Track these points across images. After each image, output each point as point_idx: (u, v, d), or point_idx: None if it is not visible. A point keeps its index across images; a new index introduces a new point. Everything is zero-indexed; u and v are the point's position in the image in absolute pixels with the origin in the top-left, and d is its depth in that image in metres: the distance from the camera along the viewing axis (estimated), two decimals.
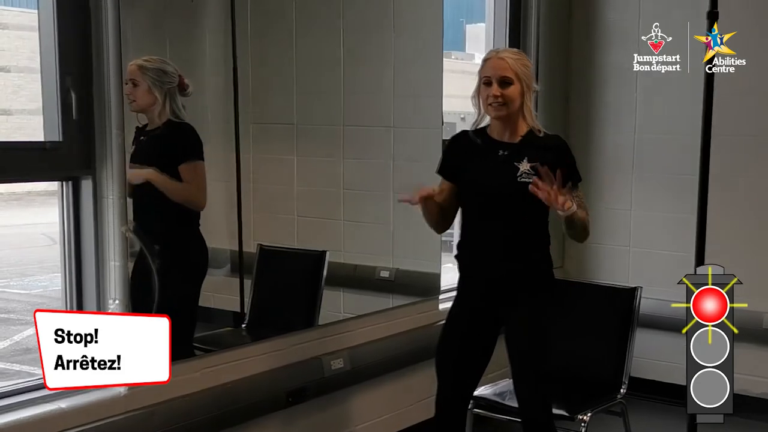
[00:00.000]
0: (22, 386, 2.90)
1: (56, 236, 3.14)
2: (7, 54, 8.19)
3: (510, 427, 4.01)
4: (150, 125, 3.37)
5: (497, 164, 3.17)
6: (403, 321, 4.23)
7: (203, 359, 3.35)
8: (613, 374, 3.71)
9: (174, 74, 3.35)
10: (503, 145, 3.19)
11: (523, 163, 3.13)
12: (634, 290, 3.76)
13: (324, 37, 4.39)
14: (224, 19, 4.02)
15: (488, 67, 3.16)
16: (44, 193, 10.56)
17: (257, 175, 4.15)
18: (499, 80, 3.12)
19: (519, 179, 3.11)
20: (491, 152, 3.19)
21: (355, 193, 4.51)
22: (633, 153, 5.09)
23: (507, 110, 3.13)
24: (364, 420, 4.07)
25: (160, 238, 3.28)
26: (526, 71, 3.15)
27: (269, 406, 3.51)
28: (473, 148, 3.24)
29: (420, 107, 4.52)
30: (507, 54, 3.18)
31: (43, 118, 2.94)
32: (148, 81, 3.28)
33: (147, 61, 3.31)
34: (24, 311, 7.52)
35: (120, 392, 2.97)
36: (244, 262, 4.12)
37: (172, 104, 3.36)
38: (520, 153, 3.15)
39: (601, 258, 5.04)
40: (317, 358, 3.73)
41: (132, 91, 3.24)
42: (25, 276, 8.57)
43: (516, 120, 3.17)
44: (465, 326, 3.28)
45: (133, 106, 3.29)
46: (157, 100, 3.32)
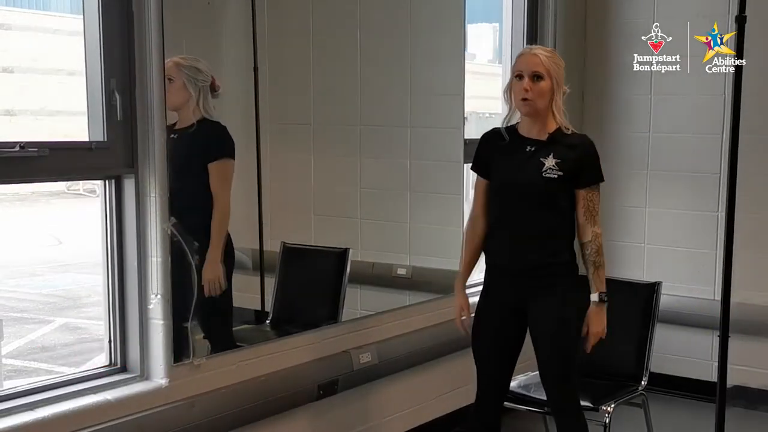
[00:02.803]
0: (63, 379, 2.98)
1: (61, 236, 3.20)
2: (46, 57, 8.26)
3: (536, 419, 4.11)
4: (180, 123, 3.42)
5: (524, 159, 3.26)
6: (427, 316, 4.29)
7: (239, 352, 3.43)
8: (635, 367, 3.79)
9: (207, 73, 3.42)
10: (531, 141, 3.28)
11: (549, 158, 3.22)
12: (654, 285, 3.84)
13: (341, 36, 4.45)
14: (243, 20, 4.08)
15: (521, 63, 3.26)
16: (48, 194, 10.57)
17: (275, 174, 4.22)
18: (531, 75, 3.21)
19: (544, 174, 3.21)
20: (519, 148, 3.29)
21: (373, 192, 4.57)
22: (648, 151, 5.15)
23: (536, 106, 3.22)
24: (391, 412, 4.14)
25: (198, 236, 3.34)
26: (557, 69, 3.24)
27: (302, 398, 3.58)
28: (503, 144, 3.34)
29: (439, 106, 4.56)
30: (540, 51, 3.29)
31: (88, 118, 2.99)
32: (183, 78, 3.35)
33: (183, 58, 3.37)
34: (37, 310, 7.55)
35: (162, 384, 3.07)
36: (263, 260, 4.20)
37: (205, 103, 3.42)
38: (547, 149, 3.24)
39: (616, 255, 5.09)
40: (346, 352, 3.81)
41: (167, 87, 3.31)
42: (35, 276, 8.60)
43: (545, 117, 3.26)
44: (496, 320, 3.37)
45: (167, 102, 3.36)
46: (191, 98, 3.38)
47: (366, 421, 4.01)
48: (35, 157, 2.75)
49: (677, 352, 4.98)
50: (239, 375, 3.35)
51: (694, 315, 4.90)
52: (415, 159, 4.59)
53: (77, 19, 3.03)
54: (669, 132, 5.09)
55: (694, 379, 5.00)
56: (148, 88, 3.01)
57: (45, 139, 2.84)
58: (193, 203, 3.45)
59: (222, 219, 3.46)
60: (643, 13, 5.07)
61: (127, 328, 3.11)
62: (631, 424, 3.89)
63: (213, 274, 3.40)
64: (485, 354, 3.42)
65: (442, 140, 4.53)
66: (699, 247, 5.00)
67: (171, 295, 3.08)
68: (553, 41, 4.97)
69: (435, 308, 4.32)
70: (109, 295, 3.10)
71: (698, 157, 4.98)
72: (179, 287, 3.18)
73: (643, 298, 3.84)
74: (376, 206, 4.60)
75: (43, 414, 2.75)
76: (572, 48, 5.21)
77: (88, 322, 7.26)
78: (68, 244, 9.58)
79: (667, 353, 4.74)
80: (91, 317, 7.27)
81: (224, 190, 3.48)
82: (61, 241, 9.70)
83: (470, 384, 3.53)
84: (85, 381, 2.99)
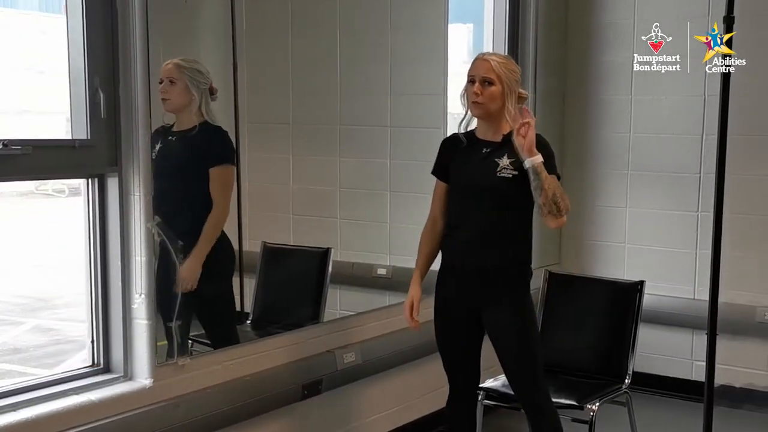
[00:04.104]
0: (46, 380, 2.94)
1: (31, 237, 3.16)
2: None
3: (518, 417, 4.11)
4: (179, 125, 3.40)
5: (480, 161, 3.32)
6: None
7: (224, 353, 3.41)
8: (618, 366, 3.81)
9: (207, 76, 3.40)
10: (486, 143, 3.34)
11: (503, 159, 3.27)
12: (638, 284, 3.86)
13: (320, 35, 4.44)
14: (222, 19, 4.06)
15: (474, 68, 3.32)
16: (15, 194, 10.43)
17: (253, 173, 4.20)
18: (481, 80, 3.26)
19: (499, 174, 3.26)
20: (476, 150, 3.35)
21: (352, 192, 4.57)
22: (629, 152, 5.18)
23: (485, 109, 3.27)
24: (375, 412, 4.14)
25: (186, 236, 3.32)
26: (509, 75, 3.28)
27: (286, 398, 3.57)
28: (461, 147, 3.40)
29: (420, 106, 4.56)
30: (493, 57, 3.34)
31: (71, 117, 2.96)
32: (186, 80, 3.32)
33: (183, 60, 3.35)
34: (7, 312, 7.45)
35: (146, 384, 3.04)
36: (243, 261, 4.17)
37: (206, 106, 3.39)
38: (501, 150, 3.29)
39: (597, 254, 5.14)
40: (330, 352, 3.80)
41: (168, 89, 3.26)
42: (4, 276, 8.48)
43: (499, 120, 3.31)
44: (452, 320, 3.43)
45: (167, 105, 3.31)
46: (194, 100, 3.35)
47: (350, 421, 4.01)
48: (18, 155, 2.71)
49: (657, 351, 5.01)
50: (224, 375, 3.33)
51: (674, 314, 4.94)
52: (395, 159, 4.59)
53: (47, 17, 2.99)
54: (649, 132, 5.13)
55: (673, 377, 5.03)
56: (133, 85, 2.97)
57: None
58: (186, 205, 3.45)
59: (217, 224, 3.46)
60: (624, 14, 5.12)
61: (110, 328, 3.07)
62: (614, 422, 3.90)
63: (191, 274, 3.36)
64: (450, 355, 3.48)
65: (423, 140, 4.53)
66: (679, 246, 5.04)
67: (155, 295, 3.05)
68: (534, 43, 4.99)
69: (422, 306, 4.26)
70: (92, 294, 3.07)
71: (678, 158, 5.01)
72: (164, 287, 3.17)
73: (627, 297, 3.86)
74: (355, 206, 4.60)
75: (26, 415, 2.71)
76: (553, 49, 5.24)
77: (61, 323, 7.16)
78: (38, 244, 9.48)
79: (647, 352, 4.76)
80: (64, 318, 7.18)
81: (224, 196, 3.50)
82: (32, 241, 9.59)
83: None
84: (67, 381, 2.95)
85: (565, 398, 3.52)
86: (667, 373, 5.05)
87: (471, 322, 3.40)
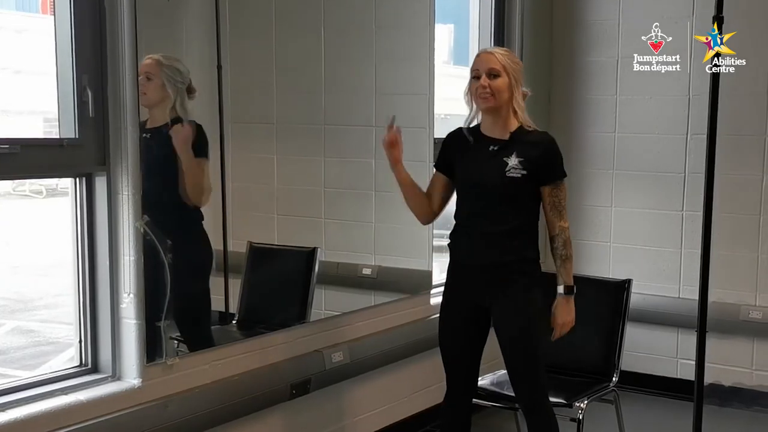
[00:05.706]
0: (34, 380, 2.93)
1: (9, 238, 3.13)
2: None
3: (507, 416, 4.13)
4: (152, 122, 3.37)
5: (487, 159, 3.29)
6: (397, 315, 4.30)
7: (213, 352, 3.40)
8: (606, 364, 3.83)
9: (186, 75, 3.39)
10: (494, 141, 3.31)
11: (512, 158, 3.25)
12: (625, 282, 3.88)
13: (305, 35, 4.43)
14: (207, 18, 4.04)
15: (477, 62, 3.30)
16: None
17: (237, 173, 4.18)
18: (487, 72, 3.25)
19: (507, 173, 3.25)
20: (483, 148, 3.32)
21: (337, 192, 4.56)
22: (614, 151, 5.20)
23: (495, 101, 3.25)
24: (364, 411, 4.14)
25: (171, 234, 3.29)
26: (515, 67, 3.28)
27: (275, 397, 3.57)
28: (466, 144, 3.37)
29: (406, 106, 4.55)
30: (496, 50, 3.35)
31: (59, 116, 2.95)
32: (164, 77, 3.31)
33: (164, 57, 3.33)
34: None
35: (134, 384, 3.03)
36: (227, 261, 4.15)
37: (182, 104, 3.38)
38: (509, 148, 3.27)
39: (583, 253, 5.14)
40: (319, 352, 3.79)
41: (145, 84, 3.25)
42: None
43: (506, 115, 3.30)
44: (459, 318, 3.41)
45: (143, 99, 3.28)
46: (169, 98, 3.34)
47: (339, 420, 4.00)
48: (6, 154, 2.71)
49: (642, 350, 5.04)
50: (213, 375, 3.33)
51: (659, 313, 4.96)
52: (380, 159, 4.57)
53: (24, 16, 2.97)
54: (634, 132, 5.15)
55: (659, 375, 5.06)
56: (121, 84, 2.97)
57: None
58: (163, 201, 3.40)
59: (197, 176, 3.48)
60: (609, 13, 5.14)
61: (98, 328, 3.07)
62: (602, 420, 3.92)
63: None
64: (451, 352, 3.46)
65: (408, 140, 4.51)
66: (664, 246, 5.06)
67: (144, 294, 3.04)
68: (519, 42, 5.00)
69: (406, 307, 4.34)
70: (80, 294, 3.06)
71: (663, 157, 5.04)
72: (152, 286, 3.14)
73: (614, 296, 3.88)
74: (341, 206, 4.58)
75: (14, 415, 2.70)
76: (539, 49, 5.25)
77: (41, 325, 7.12)
78: (16, 246, 9.41)
79: (632, 350, 4.78)
80: (44, 320, 7.14)
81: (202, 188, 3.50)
82: (9, 242, 9.53)
83: (441, 382, 3.54)
84: (56, 382, 2.95)
85: (553, 396, 3.52)
86: (653, 372, 5.08)
87: (475, 320, 3.38)
